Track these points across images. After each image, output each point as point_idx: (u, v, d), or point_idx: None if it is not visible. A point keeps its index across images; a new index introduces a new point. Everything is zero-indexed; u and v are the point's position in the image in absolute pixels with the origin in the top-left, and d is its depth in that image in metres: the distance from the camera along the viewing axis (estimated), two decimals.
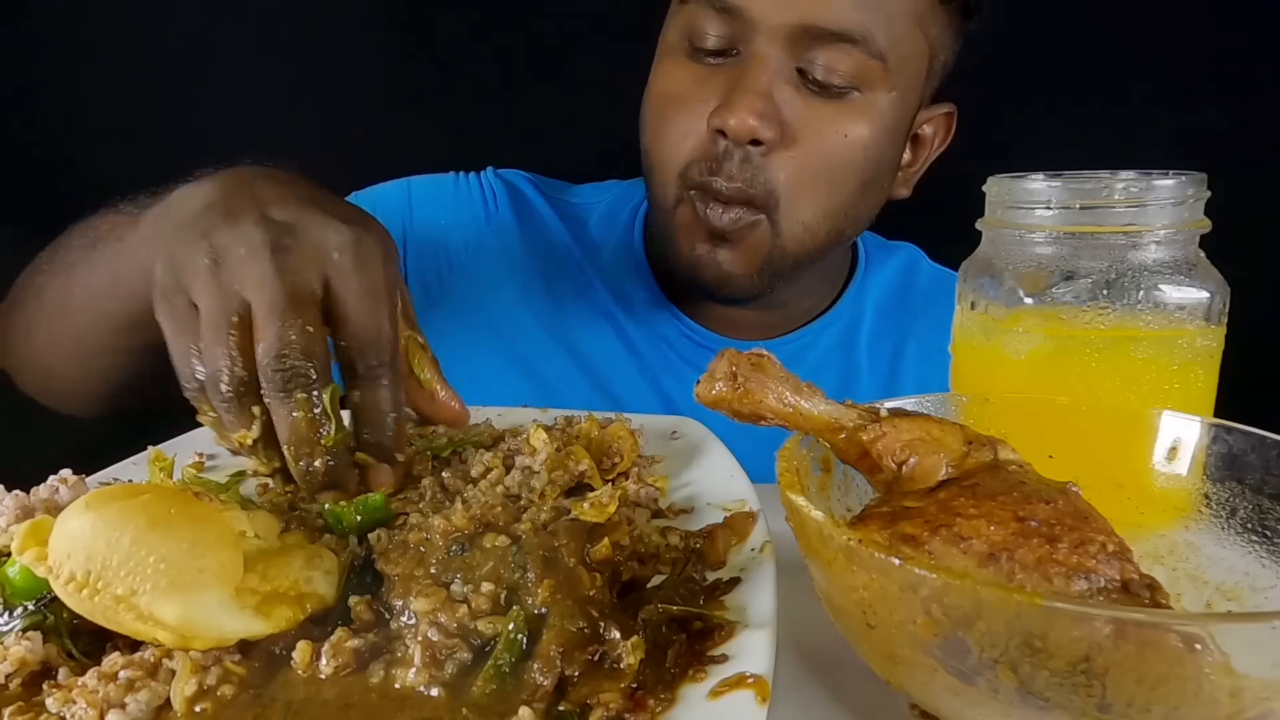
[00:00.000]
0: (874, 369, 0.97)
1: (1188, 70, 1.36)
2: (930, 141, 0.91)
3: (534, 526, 0.43)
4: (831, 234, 0.83)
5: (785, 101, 0.76)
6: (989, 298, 0.57)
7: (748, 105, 0.74)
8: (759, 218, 0.79)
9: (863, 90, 0.77)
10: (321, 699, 0.36)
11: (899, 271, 1.03)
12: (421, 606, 0.39)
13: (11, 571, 0.40)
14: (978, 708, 0.34)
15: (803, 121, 0.77)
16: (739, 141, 0.76)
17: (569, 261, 0.97)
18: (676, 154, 0.80)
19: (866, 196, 0.83)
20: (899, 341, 0.98)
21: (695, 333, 0.94)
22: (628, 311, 0.95)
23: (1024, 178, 0.55)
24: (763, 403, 0.44)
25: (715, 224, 0.79)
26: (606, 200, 1.01)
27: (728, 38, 0.77)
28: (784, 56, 0.75)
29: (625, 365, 0.94)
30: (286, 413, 0.47)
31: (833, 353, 0.97)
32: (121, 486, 0.44)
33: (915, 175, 0.92)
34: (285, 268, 0.48)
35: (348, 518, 0.48)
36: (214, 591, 0.38)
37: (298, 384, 0.47)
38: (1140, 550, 0.40)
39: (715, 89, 0.77)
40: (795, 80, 0.76)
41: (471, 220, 0.97)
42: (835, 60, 0.75)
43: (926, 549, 0.37)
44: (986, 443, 0.42)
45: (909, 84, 0.80)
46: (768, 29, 0.75)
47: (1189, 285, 0.53)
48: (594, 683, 0.36)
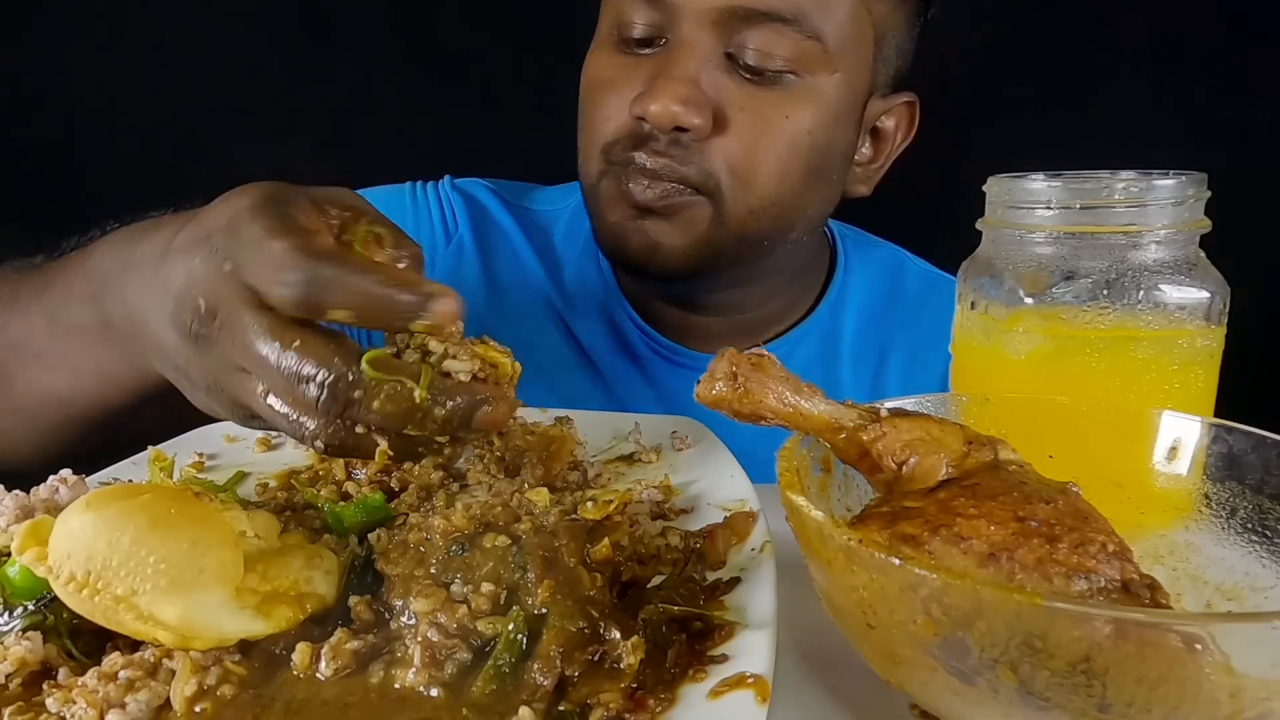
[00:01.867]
0: (858, 382, 0.92)
1: (1188, 70, 1.36)
2: (892, 136, 0.86)
3: (534, 526, 0.43)
4: (778, 223, 0.79)
5: (718, 88, 0.73)
6: (989, 298, 0.57)
7: (670, 91, 0.71)
8: (694, 199, 0.75)
9: (801, 73, 0.74)
10: (321, 699, 0.36)
11: (883, 274, 0.97)
12: (421, 607, 0.39)
13: (11, 571, 0.40)
14: (978, 708, 0.34)
15: (738, 106, 0.73)
16: (661, 129, 0.72)
17: (531, 279, 0.92)
18: (598, 136, 0.77)
19: (815, 187, 0.79)
20: (882, 351, 0.93)
21: (661, 344, 0.90)
22: (592, 328, 0.91)
23: (1024, 178, 0.54)
24: (763, 403, 0.44)
25: (639, 198, 0.75)
26: (570, 205, 0.95)
27: (655, 26, 0.74)
28: (712, 41, 0.72)
29: (588, 385, 0.90)
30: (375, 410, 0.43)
31: (812, 365, 0.91)
32: (121, 486, 0.44)
33: (878, 172, 0.87)
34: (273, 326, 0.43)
35: (348, 517, 0.48)
36: (214, 591, 0.38)
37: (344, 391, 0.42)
38: (1140, 550, 0.40)
39: (640, 76, 0.74)
40: (726, 65, 0.73)
41: (430, 241, 0.91)
42: (767, 42, 0.72)
43: (926, 549, 0.37)
44: (986, 443, 0.42)
45: (854, 66, 0.76)
46: (692, 13, 0.72)
47: (1189, 285, 0.53)
48: (594, 683, 0.36)
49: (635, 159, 0.75)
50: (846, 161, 0.82)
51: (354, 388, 0.42)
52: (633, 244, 0.78)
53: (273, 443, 0.65)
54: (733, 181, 0.75)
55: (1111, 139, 1.32)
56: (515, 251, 0.93)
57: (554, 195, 0.98)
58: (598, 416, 0.67)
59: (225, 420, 0.49)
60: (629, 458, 0.62)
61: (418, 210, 0.93)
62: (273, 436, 0.65)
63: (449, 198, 0.94)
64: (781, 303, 0.92)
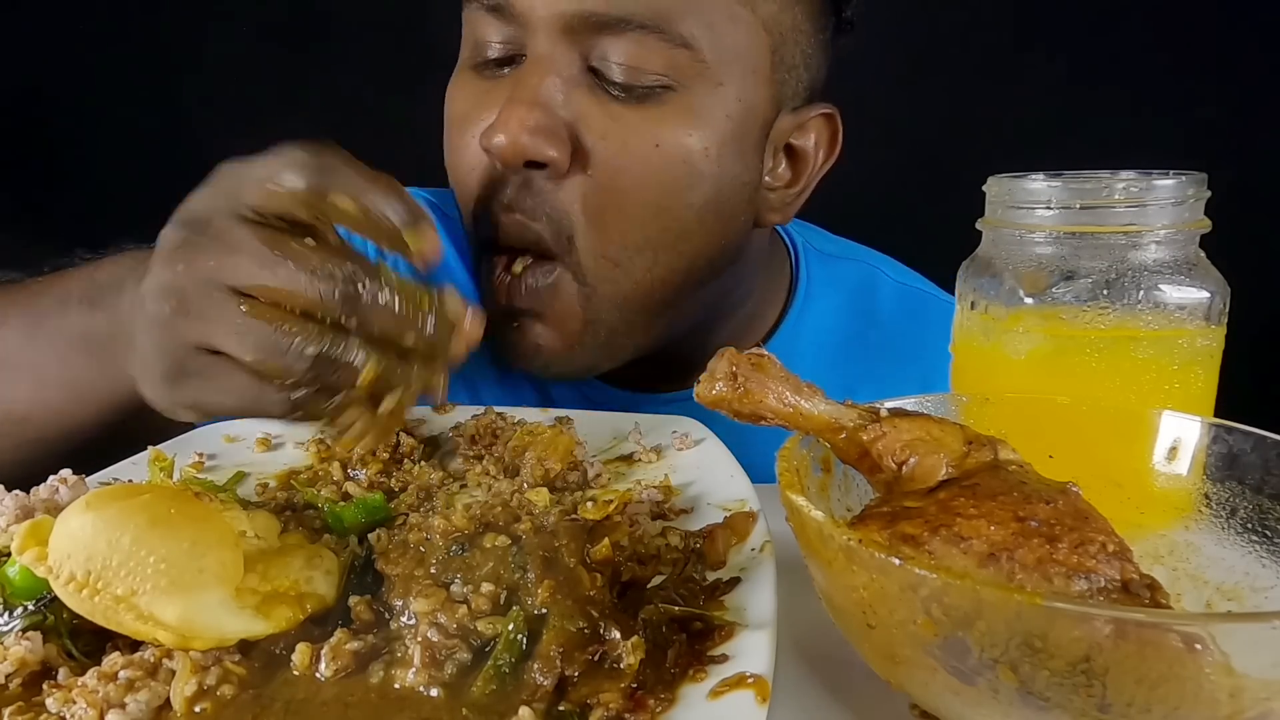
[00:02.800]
0: None
1: (1188, 70, 1.36)
2: (812, 155, 0.73)
3: (534, 526, 0.43)
4: (664, 273, 0.67)
5: (577, 110, 0.62)
6: (989, 298, 0.57)
7: (517, 119, 0.60)
8: (554, 270, 0.65)
9: (676, 89, 0.63)
10: (321, 699, 0.36)
11: (852, 296, 0.84)
12: (421, 607, 0.39)
13: (11, 571, 0.40)
14: (978, 708, 0.34)
15: (599, 131, 0.63)
16: (511, 164, 0.62)
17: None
18: (465, 189, 0.67)
19: (709, 224, 0.67)
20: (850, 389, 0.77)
21: (595, 390, 0.80)
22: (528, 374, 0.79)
23: (1024, 178, 0.54)
24: (763, 403, 0.44)
25: (506, 300, 0.67)
26: None
27: (509, 42, 0.65)
28: (569, 54, 0.62)
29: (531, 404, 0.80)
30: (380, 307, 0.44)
31: None
32: (121, 486, 0.44)
33: (799, 197, 0.74)
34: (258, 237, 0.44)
35: (348, 517, 0.48)
36: (214, 591, 0.38)
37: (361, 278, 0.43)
38: (1140, 550, 0.40)
39: (494, 103, 0.63)
40: (588, 83, 0.63)
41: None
42: (630, 53, 0.61)
43: (926, 549, 0.37)
44: (986, 443, 0.42)
45: (744, 77, 0.65)
46: (541, 24, 0.62)
47: (1189, 285, 0.53)
48: (594, 683, 0.36)
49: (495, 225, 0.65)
50: (749, 189, 0.70)
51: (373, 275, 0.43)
52: (518, 355, 0.69)
53: (273, 443, 0.65)
54: (589, 227, 0.64)
55: (1111, 139, 1.33)
56: (451, 273, 0.82)
57: None
58: (598, 416, 0.67)
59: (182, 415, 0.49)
60: (629, 458, 0.62)
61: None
62: (273, 437, 0.65)
63: None
64: (725, 335, 0.78)
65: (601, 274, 0.65)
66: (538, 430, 0.60)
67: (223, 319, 0.44)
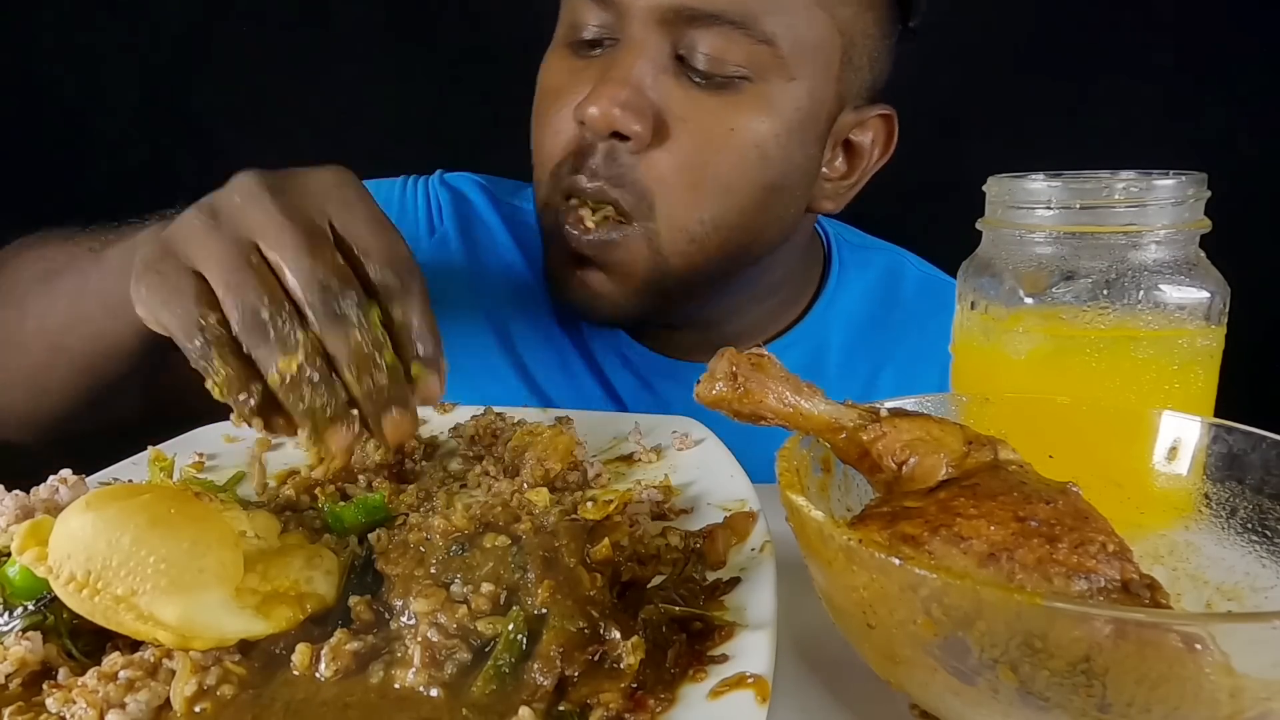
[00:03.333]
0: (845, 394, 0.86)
1: (1188, 70, 1.36)
2: (868, 152, 0.80)
3: (534, 526, 0.43)
4: (727, 247, 0.73)
5: (663, 93, 0.69)
6: (989, 298, 0.57)
7: (610, 94, 0.67)
8: (628, 230, 0.71)
9: (754, 79, 0.69)
10: (321, 699, 0.36)
11: (879, 281, 0.92)
12: (421, 607, 0.39)
13: (11, 571, 0.40)
14: (978, 708, 0.34)
15: (680, 114, 0.69)
16: (599, 134, 0.69)
17: (514, 275, 0.90)
18: (549, 151, 0.74)
19: (769, 204, 0.74)
20: (876, 366, 0.89)
21: (639, 354, 0.87)
22: (571, 331, 0.88)
23: (1024, 178, 0.54)
24: (763, 403, 0.44)
25: (576, 246, 0.73)
26: None
27: (606, 27, 0.71)
28: (660, 43, 0.68)
29: (567, 387, 0.88)
30: (344, 334, 0.45)
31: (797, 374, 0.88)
32: (122, 486, 0.44)
33: (852, 189, 0.81)
34: (289, 206, 0.47)
35: (348, 518, 0.48)
36: (214, 591, 0.38)
37: (347, 304, 0.45)
38: (1140, 550, 0.40)
39: (588, 81, 0.70)
40: (675, 69, 0.69)
41: (413, 234, 0.90)
42: (718, 46, 0.68)
43: (926, 549, 0.37)
44: (986, 443, 0.42)
45: (816, 74, 0.71)
46: (640, 13, 0.68)
47: (1189, 285, 0.53)
48: (594, 683, 0.36)
49: (576, 183, 0.71)
50: (809, 177, 0.77)
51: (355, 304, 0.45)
52: (574, 296, 0.76)
53: (273, 443, 0.65)
54: (666, 198, 0.70)
55: (1111, 139, 1.33)
56: (499, 248, 0.91)
57: None
58: (598, 417, 0.67)
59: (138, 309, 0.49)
60: (629, 458, 0.62)
61: (404, 204, 0.93)
62: (272, 437, 0.65)
63: (436, 193, 0.93)
64: (764, 313, 0.88)
65: (672, 242, 0.72)
66: (538, 430, 0.60)
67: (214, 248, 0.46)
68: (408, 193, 0.94)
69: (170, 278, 0.46)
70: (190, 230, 0.47)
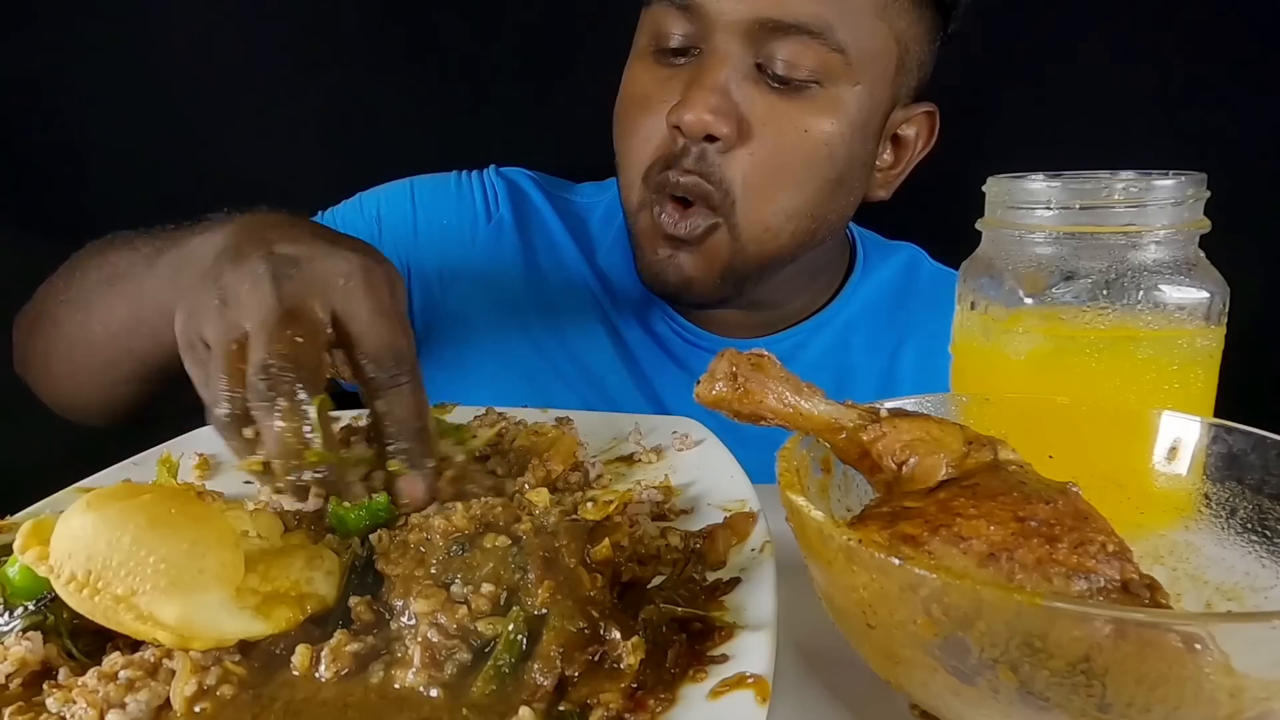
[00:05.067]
0: (869, 370, 0.97)
1: (1188, 70, 1.36)
2: (913, 143, 0.90)
3: (534, 527, 0.43)
4: (798, 234, 0.82)
5: (744, 97, 0.76)
6: (989, 298, 0.57)
7: (702, 101, 0.74)
8: (716, 221, 0.79)
9: (824, 84, 0.77)
10: (320, 699, 0.36)
11: (899, 272, 1.02)
12: (421, 608, 0.39)
13: (12, 571, 0.40)
14: (978, 708, 0.34)
15: (761, 117, 0.76)
16: (694, 137, 0.76)
17: (567, 261, 0.97)
18: (639, 156, 0.81)
19: (835, 196, 0.82)
20: (897, 343, 0.98)
21: (687, 331, 0.94)
22: (621, 310, 0.95)
23: (1024, 178, 0.54)
24: (763, 403, 0.44)
25: (671, 230, 0.79)
26: (607, 198, 1.01)
27: (690, 36, 0.78)
28: (742, 52, 0.76)
29: (617, 364, 0.94)
30: (271, 423, 0.47)
31: (827, 353, 0.97)
32: (122, 486, 0.44)
33: (898, 178, 0.91)
34: (284, 292, 0.49)
35: (352, 520, 0.48)
36: (214, 591, 0.38)
37: (280, 391, 0.46)
38: (1140, 550, 0.40)
39: (676, 88, 0.77)
40: (754, 76, 0.76)
41: (472, 220, 0.98)
42: (794, 53, 0.75)
43: (926, 549, 0.37)
44: (986, 443, 0.42)
45: (876, 78, 0.79)
46: (725, 25, 0.75)
47: (1189, 285, 0.53)
48: (594, 683, 0.36)
49: (669, 179, 0.78)
50: (867, 169, 0.85)
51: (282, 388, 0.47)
52: (669, 280, 0.82)
53: None
54: (747, 193, 0.78)
55: (1111, 139, 1.32)
56: (552, 235, 0.98)
57: (590, 189, 1.04)
58: (598, 417, 0.67)
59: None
60: (629, 458, 0.62)
61: (460, 193, 0.99)
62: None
63: (492, 182, 1.00)
64: (804, 298, 0.96)
65: (750, 230, 0.80)
66: (541, 430, 0.60)
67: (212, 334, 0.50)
68: (463, 183, 1.00)
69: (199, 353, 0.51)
70: (203, 308, 0.50)
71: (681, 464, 0.60)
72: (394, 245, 0.93)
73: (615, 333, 0.95)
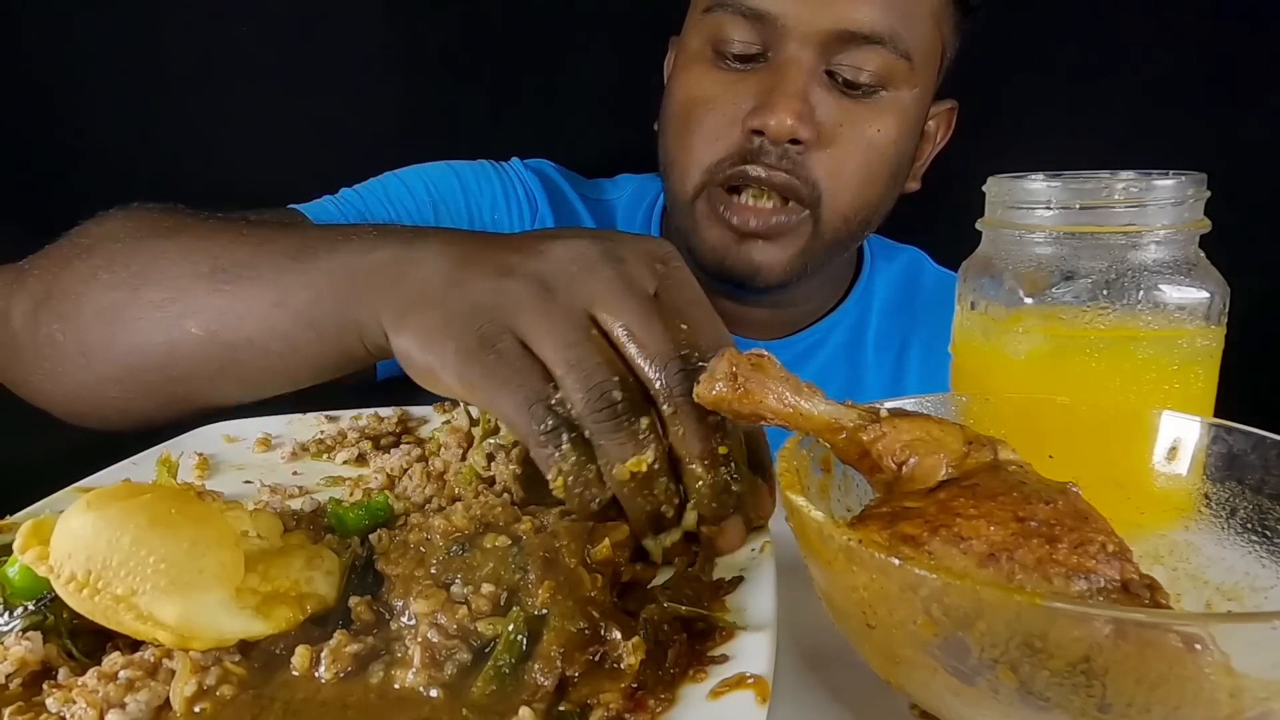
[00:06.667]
0: (880, 367, 0.99)
1: (1188, 70, 1.36)
2: (934, 136, 0.95)
3: (534, 527, 0.43)
4: (861, 225, 0.88)
5: (819, 102, 0.80)
6: (989, 298, 0.57)
7: (786, 107, 0.78)
8: (799, 213, 0.83)
9: (888, 88, 0.81)
10: (320, 699, 0.36)
11: (903, 273, 1.06)
12: (421, 608, 0.39)
13: (11, 571, 0.40)
14: (978, 708, 0.34)
15: (836, 121, 0.81)
16: (778, 141, 0.80)
17: None
18: (705, 152, 0.83)
19: (892, 189, 0.88)
20: (903, 342, 1.00)
21: None
22: None
23: (1024, 178, 0.54)
24: (763, 403, 0.44)
25: (741, 224, 0.82)
26: (626, 195, 1.03)
27: (757, 43, 0.81)
28: (815, 59, 0.79)
29: None
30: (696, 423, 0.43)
31: (841, 351, 0.99)
32: (122, 486, 0.44)
33: (921, 169, 0.96)
34: (627, 275, 0.45)
35: (352, 520, 0.48)
36: (214, 591, 0.38)
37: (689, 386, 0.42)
38: (1140, 550, 0.40)
39: (747, 92, 0.81)
40: (826, 82, 0.80)
41: (519, 213, 0.98)
42: (864, 61, 0.79)
43: (926, 549, 0.37)
44: (986, 443, 0.42)
45: (928, 80, 0.85)
46: (800, 34, 0.78)
47: (1189, 285, 0.53)
48: (594, 683, 0.36)
49: (749, 172, 0.81)
50: (911, 163, 0.92)
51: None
52: (736, 267, 0.86)
53: (273, 443, 0.65)
54: (831, 191, 0.83)
55: (1111, 139, 1.32)
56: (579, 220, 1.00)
57: (607, 186, 1.06)
58: None
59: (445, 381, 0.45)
60: None
61: (505, 184, 0.99)
62: (273, 437, 0.65)
63: (526, 175, 1.01)
64: (820, 296, 1.00)
65: (829, 221, 0.85)
66: None
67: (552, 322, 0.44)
68: (505, 174, 0.99)
69: (510, 358, 0.43)
70: (519, 301, 0.44)
71: None
72: None
73: None
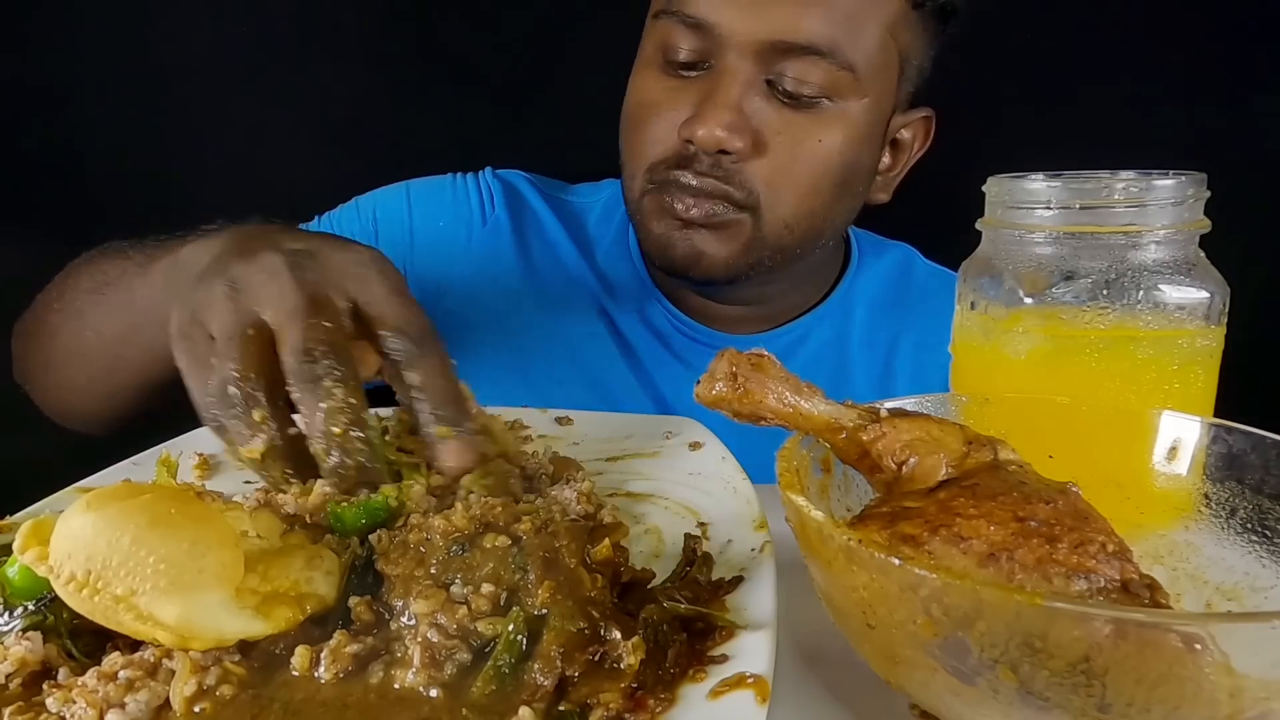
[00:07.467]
0: (868, 364, 0.98)
1: (1188, 70, 1.36)
2: (909, 146, 0.93)
3: (534, 527, 0.43)
4: (809, 234, 0.85)
5: (756, 112, 0.79)
6: (989, 298, 0.57)
7: (715, 118, 0.77)
8: (738, 215, 0.82)
9: (834, 99, 0.80)
10: (320, 699, 0.36)
11: (893, 269, 1.04)
12: (421, 608, 0.39)
13: (11, 571, 0.40)
14: (978, 708, 0.34)
15: (775, 130, 0.79)
16: (707, 151, 0.79)
17: (564, 261, 0.98)
18: (646, 155, 0.83)
19: (842, 200, 0.86)
20: (893, 338, 0.99)
21: (686, 325, 0.96)
22: (620, 306, 0.97)
23: (1024, 178, 0.54)
24: (763, 403, 0.44)
25: (684, 215, 0.82)
26: (603, 198, 1.03)
27: (699, 51, 0.80)
28: (754, 69, 0.78)
29: (617, 362, 0.95)
30: (315, 403, 0.47)
31: (826, 348, 0.98)
32: (122, 486, 0.44)
33: (895, 179, 0.94)
34: (305, 281, 0.49)
35: (350, 519, 0.48)
36: (214, 591, 0.38)
37: (326, 374, 0.47)
38: (1140, 550, 0.40)
39: (687, 100, 0.80)
40: (765, 91, 0.79)
41: (468, 222, 0.98)
42: (804, 72, 0.78)
43: (926, 549, 0.37)
44: (986, 443, 0.42)
45: (881, 91, 0.82)
46: (737, 44, 0.77)
47: (1189, 285, 0.53)
48: (594, 683, 0.36)
49: (679, 178, 0.81)
50: (871, 175, 0.89)
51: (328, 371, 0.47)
52: (678, 253, 0.84)
53: None
54: (770, 198, 0.81)
55: (1111, 139, 1.32)
56: (549, 235, 0.99)
57: (587, 189, 1.05)
58: (598, 417, 0.67)
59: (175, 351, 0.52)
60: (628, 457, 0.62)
61: (455, 195, 1.00)
62: None
63: (489, 184, 1.01)
64: (802, 293, 0.98)
65: (771, 227, 0.83)
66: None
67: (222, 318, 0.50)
68: (458, 187, 1.01)
69: (196, 344, 0.50)
70: (210, 298, 0.50)
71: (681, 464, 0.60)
72: (391, 249, 0.94)
73: (616, 330, 0.96)
